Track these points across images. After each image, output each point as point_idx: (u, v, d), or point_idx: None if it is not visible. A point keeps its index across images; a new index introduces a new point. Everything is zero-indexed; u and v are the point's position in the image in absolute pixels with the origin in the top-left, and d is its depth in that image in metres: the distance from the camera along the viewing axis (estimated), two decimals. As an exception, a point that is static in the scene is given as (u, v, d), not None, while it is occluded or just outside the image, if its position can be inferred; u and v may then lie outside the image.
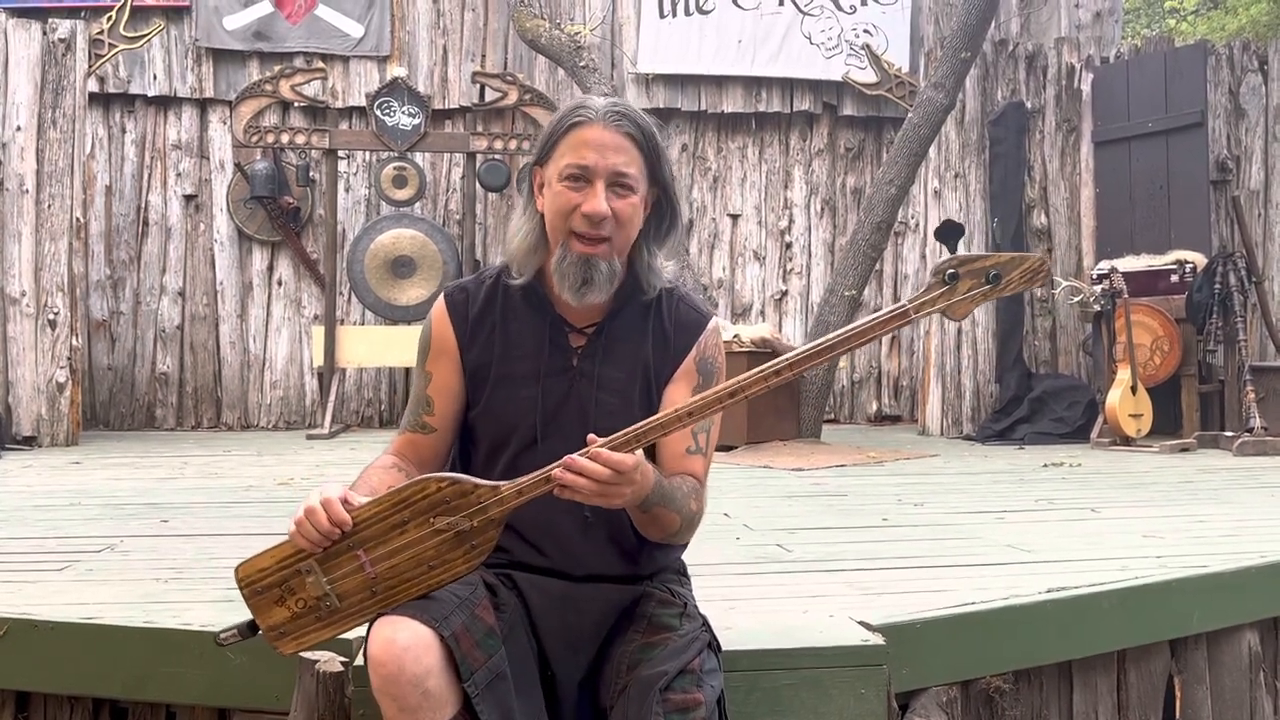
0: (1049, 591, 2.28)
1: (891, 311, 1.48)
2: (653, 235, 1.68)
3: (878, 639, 1.92)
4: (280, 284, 7.64)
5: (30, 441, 6.10)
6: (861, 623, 2.02)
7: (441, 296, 1.75)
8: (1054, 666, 2.29)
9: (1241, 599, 2.53)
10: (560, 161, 1.61)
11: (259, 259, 7.62)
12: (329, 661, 1.83)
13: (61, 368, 6.22)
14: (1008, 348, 6.79)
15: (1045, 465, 5.14)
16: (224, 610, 2.14)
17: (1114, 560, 2.63)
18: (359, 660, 1.81)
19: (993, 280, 1.46)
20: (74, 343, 6.31)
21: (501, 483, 1.50)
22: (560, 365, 1.66)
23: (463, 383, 1.69)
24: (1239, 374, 5.89)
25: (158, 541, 3.02)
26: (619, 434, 1.46)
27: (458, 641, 1.45)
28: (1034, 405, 6.54)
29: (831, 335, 1.51)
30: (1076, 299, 6.41)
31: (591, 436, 1.46)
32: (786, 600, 2.29)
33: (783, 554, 2.84)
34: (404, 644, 1.42)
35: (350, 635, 1.92)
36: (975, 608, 2.15)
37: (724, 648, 1.72)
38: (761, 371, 1.51)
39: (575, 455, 1.44)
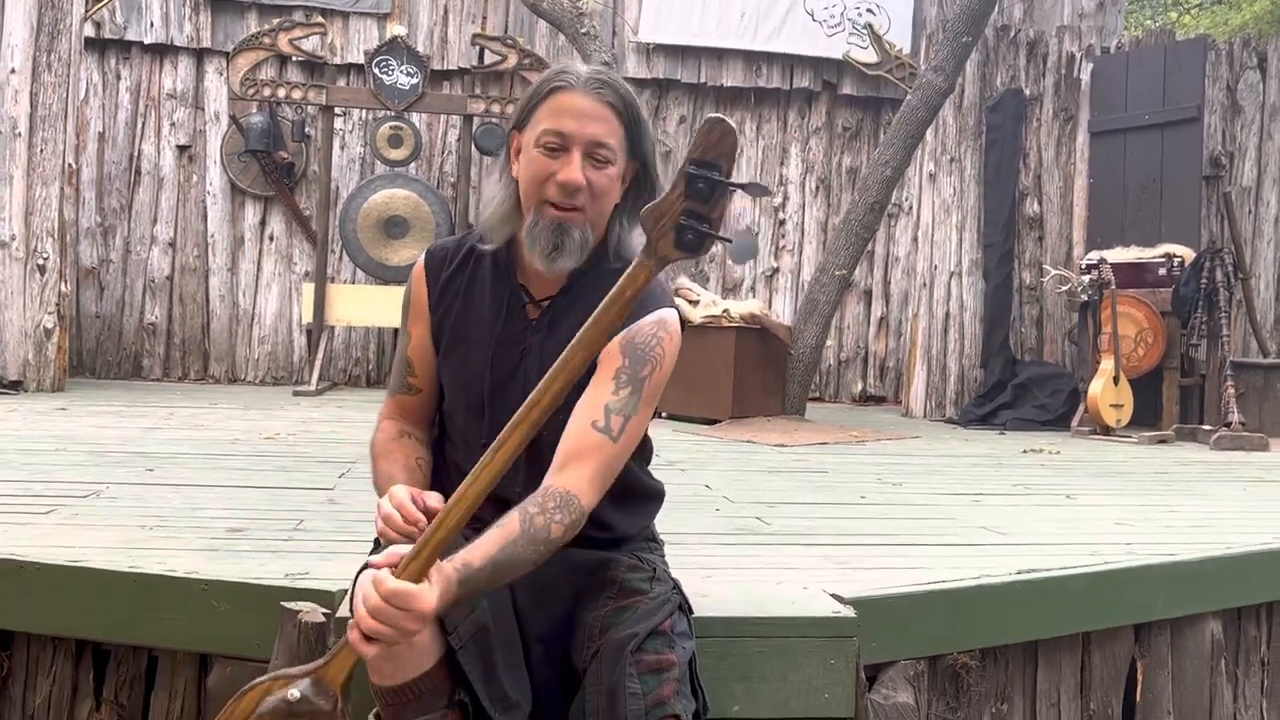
0: (1019, 573, 2.33)
1: (633, 266, 1.39)
2: (629, 209, 1.64)
3: (849, 611, 1.96)
4: (272, 239, 7.62)
5: (16, 386, 6.10)
6: (834, 595, 2.06)
7: (423, 255, 1.77)
8: (1020, 645, 2.34)
9: (1207, 588, 2.59)
10: (538, 127, 1.58)
11: (251, 213, 7.59)
12: (311, 612, 1.86)
13: (50, 313, 6.21)
14: (994, 334, 6.84)
15: (1025, 451, 5.20)
16: (209, 559, 2.17)
17: (1085, 545, 2.69)
18: (341, 611, 1.85)
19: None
20: (63, 289, 6.29)
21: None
22: (513, 336, 1.65)
23: (432, 341, 1.71)
24: (1220, 369, 5.95)
25: (143, 489, 3.05)
26: (408, 556, 1.36)
27: None
28: (1017, 391, 6.60)
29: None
30: (1064, 288, 6.46)
31: (380, 560, 1.37)
32: (762, 571, 2.33)
33: (761, 526, 2.89)
34: None
35: (333, 587, 1.97)
36: (947, 585, 2.20)
37: (699, 614, 1.76)
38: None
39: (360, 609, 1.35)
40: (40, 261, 6.19)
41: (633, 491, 1.74)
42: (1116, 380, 5.96)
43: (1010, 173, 6.98)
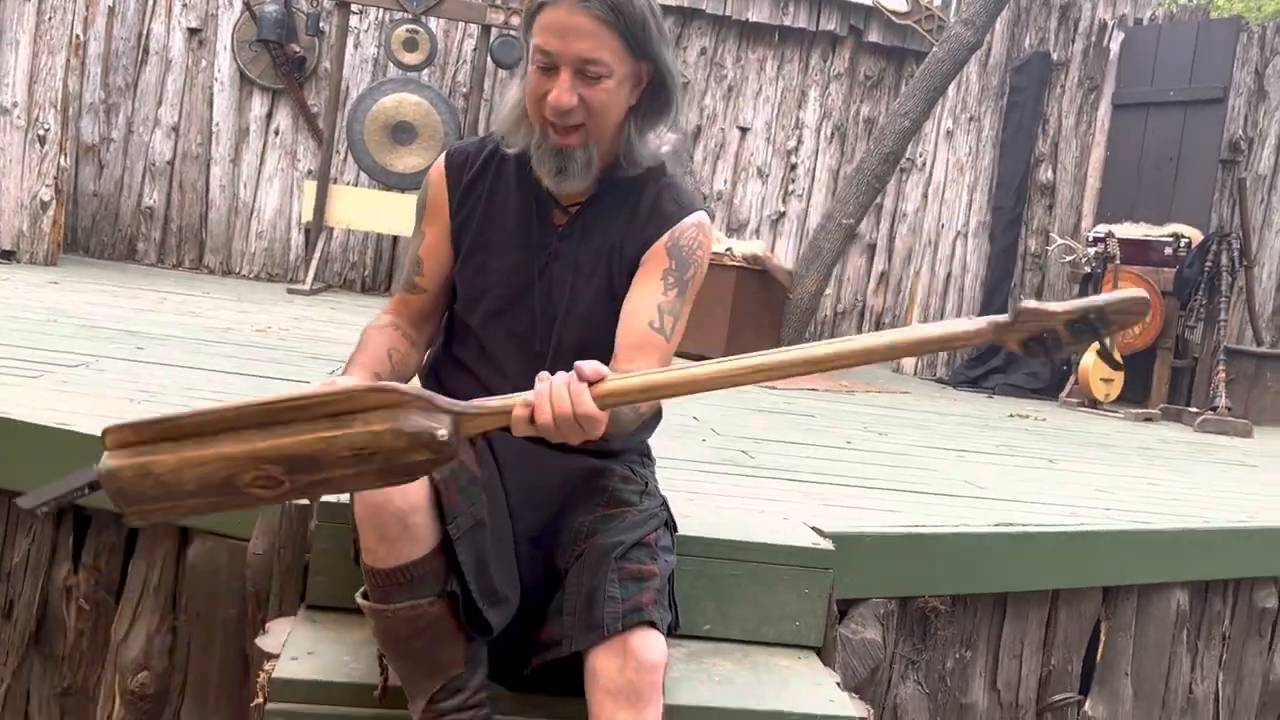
0: (997, 525, 2.35)
1: (978, 323, 1.31)
2: (643, 112, 1.59)
3: (827, 544, 1.98)
4: (277, 133, 7.51)
5: (9, 256, 6.04)
6: (814, 528, 2.08)
7: (442, 155, 1.73)
8: (991, 596, 2.37)
9: (1178, 558, 2.62)
10: (532, 43, 1.54)
11: (258, 104, 7.47)
12: (295, 494, 1.86)
13: (48, 186, 6.13)
14: (993, 298, 6.83)
15: (1011, 415, 5.23)
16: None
17: (1064, 506, 2.71)
18: (326, 496, 1.85)
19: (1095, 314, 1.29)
20: (62, 162, 6.20)
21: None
22: (539, 242, 1.64)
23: (451, 245, 1.69)
24: (1214, 353, 5.96)
25: (133, 366, 3.04)
26: (617, 378, 1.29)
27: (445, 485, 1.47)
28: (1009, 357, 6.60)
29: (882, 340, 1.28)
30: (1069, 258, 6.43)
31: (588, 369, 1.29)
32: (744, 500, 2.34)
33: (746, 459, 2.90)
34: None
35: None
36: (925, 530, 2.22)
37: (680, 534, 1.77)
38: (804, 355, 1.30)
39: (550, 387, 1.28)
40: (41, 132, 6.10)
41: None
42: (1109, 356, 5.96)
43: (1028, 137, 6.91)
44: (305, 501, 1.63)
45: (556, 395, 1.27)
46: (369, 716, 1.58)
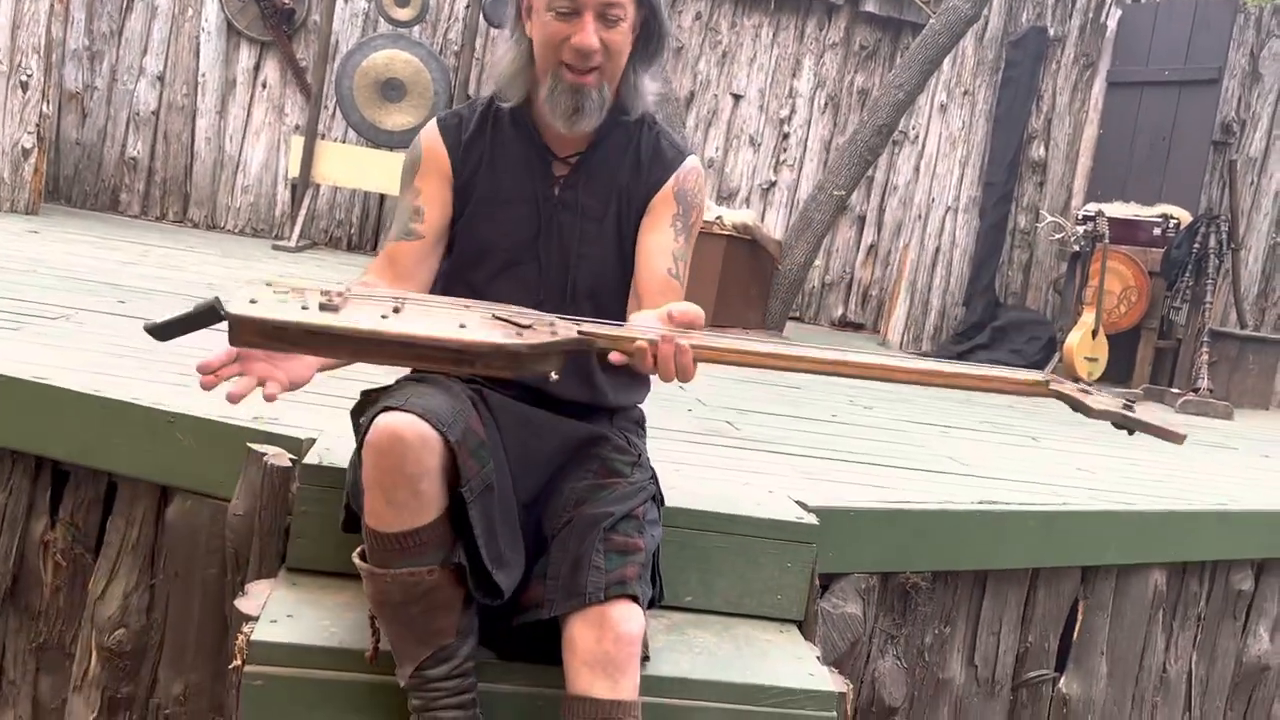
0: (980, 502, 2.36)
1: (1029, 375, 1.49)
2: (639, 56, 1.67)
3: (811, 518, 1.98)
4: (265, 86, 7.40)
5: (-11, 204, 5.96)
6: (798, 502, 2.07)
7: (433, 121, 1.76)
8: (971, 573, 2.38)
9: (1157, 540, 2.64)
10: None
11: (246, 56, 7.35)
12: (278, 456, 1.85)
13: (30, 133, 6.03)
14: (981, 274, 6.82)
15: (995, 392, 5.24)
16: (177, 393, 2.14)
17: (1047, 485, 2.72)
18: (309, 459, 1.83)
19: (1128, 407, 1.52)
20: (44, 109, 6.10)
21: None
22: (542, 193, 1.68)
23: (450, 197, 1.69)
24: (1198, 335, 5.99)
25: (114, 320, 3.00)
26: (694, 333, 1.39)
27: (459, 448, 1.47)
28: (995, 334, 6.62)
29: (946, 368, 1.44)
30: (1058, 236, 6.43)
31: (672, 312, 1.37)
32: (729, 472, 2.34)
33: (731, 430, 2.89)
34: (409, 441, 1.42)
35: (302, 435, 1.95)
36: (908, 506, 2.22)
37: (665, 504, 1.77)
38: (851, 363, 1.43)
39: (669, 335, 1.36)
40: (23, 78, 5.99)
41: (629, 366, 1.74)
42: (1095, 334, 5.99)
43: (1021, 113, 6.88)
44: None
45: (680, 349, 1.37)
46: (348, 681, 1.58)
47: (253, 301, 1.29)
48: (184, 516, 1.98)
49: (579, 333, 1.35)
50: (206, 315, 1.32)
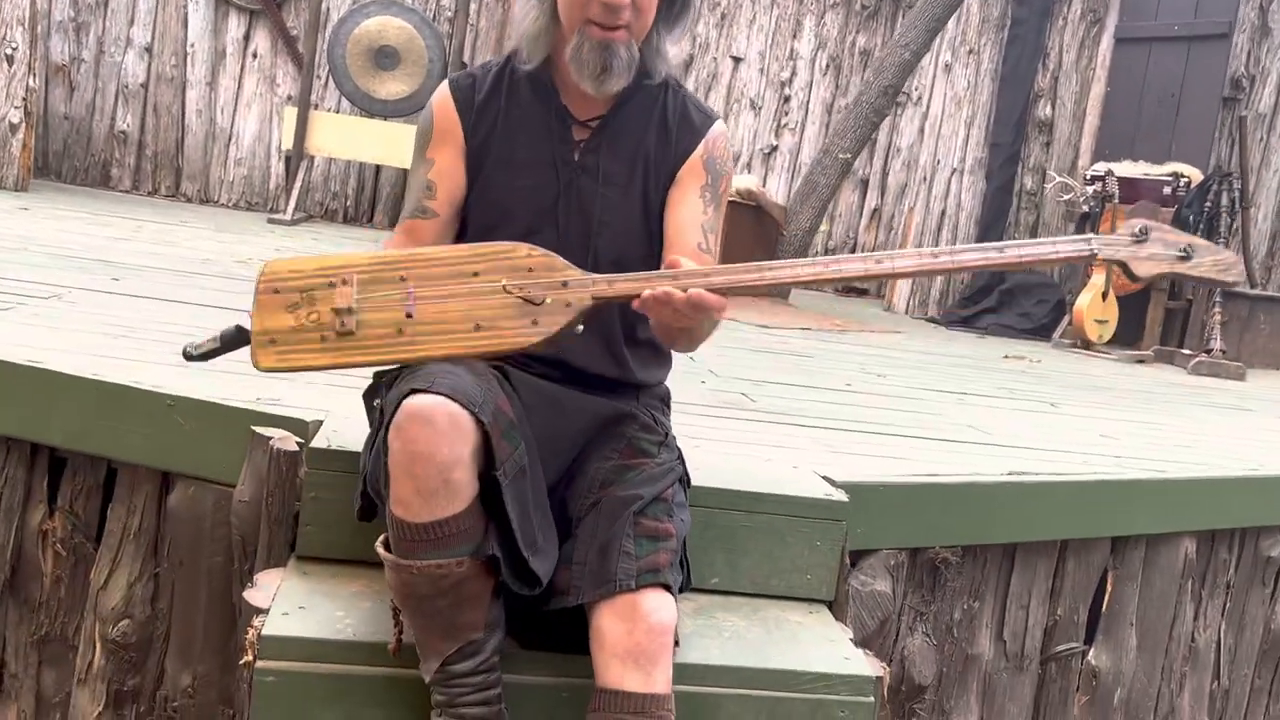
0: (1010, 473, 2.29)
1: (1073, 242, 1.41)
2: (663, 17, 1.60)
3: (840, 495, 1.90)
4: (255, 56, 7.25)
5: (-23, 181, 5.84)
6: (825, 478, 2.00)
7: (445, 83, 1.68)
8: (1000, 546, 2.31)
9: (1187, 507, 2.57)
10: None
11: (235, 25, 7.20)
12: (284, 439, 1.77)
13: (16, 107, 5.89)
14: (987, 236, 6.72)
15: (1006, 356, 5.16)
16: (176, 374, 2.06)
17: (1073, 454, 2.65)
18: (317, 442, 1.75)
19: (1184, 254, 1.42)
20: (31, 83, 5.96)
21: (595, 274, 1.42)
22: (562, 157, 1.60)
23: (464, 168, 1.61)
24: (1209, 295, 5.90)
25: (108, 298, 2.91)
26: (704, 271, 1.40)
27: (492, 430, 1.39)
28: (1003, 297, 6.53)
29: (992, 254, 1.43)
30: (1066, 197, 6.33)
31: (675, 260, 1.42)
32: (750, 446, 2.26)
33: (747, 403, 2.82)
34: (441, 426, 1.34)
35: (307, 417, 1.87)
36: (937, 479, 2.15)
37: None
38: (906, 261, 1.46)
39: (671, 286, 1.38)
40: (8, 51, 5.84)
41: (655, 342, 1.67)
42: (1105, 296, 5.91)
43: (1028, 72, 6.75)
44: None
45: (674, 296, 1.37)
46: (365, 675, 1.51)
47: (271, 342, 1.39)
48: (187, 503, 1.90)
49: (593, 297, 1.38)
50: (237, 341, 1.47)
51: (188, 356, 1.48)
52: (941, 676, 2.28)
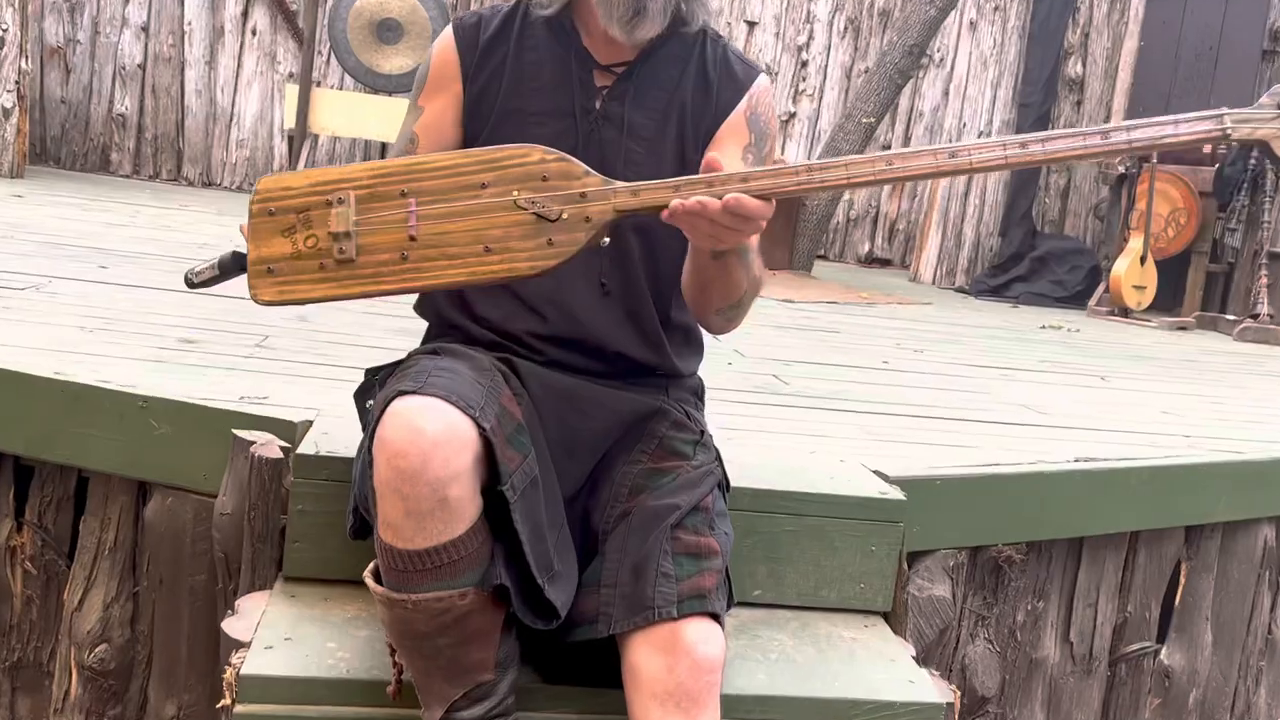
0: (1076, 461, 2.07)
1: (1199, 120, 1.17)
2: None
3: (896, 493, 1.69)
4: (255, 34, 7.02)
5: (-29, 169, 5.65)
6: (877, 472, 1.79)
7: (450, 24, 1.47)
8: (1065, 541, 2.10)
9: (1267, 491, 2.34)
10: None
11: (233, 2, 6.97)
12: (268, 445, 1.57)
13: (9, 91, 5.69)
14: (1017, 202, 6.47)
15: (1043, 327, 4.93)
16: (153, 371, 1.86)
17: (1137, 434, 2.43)
18: (304, 447, 1.55)
19: None
20: (23, 65, 5.76)
21: (618, 182, 1.23)
22: (581, 106, 1.39)
23: (459, 122, 1.40)
24: (1254, 258, 5.64)
25: (92, 288, 2.71)
26: (741, 174, 1.20)
27: (495, 435, 1.18)
28: (1034, 264, 6.28)
29: (1092, 138, 1.18)
30: (1101, 158, 6.04)
31: (714, 159, 1.21)
32: (789, 436, 2.05)
33: (780, 385, 2.60)
34: (435, 437, 1.13)
35: (294, 417, 1.67)
36: (1000, 469, 1.93)
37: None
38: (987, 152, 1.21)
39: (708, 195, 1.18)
40: (-2, 33, 5.64)
41: (687, 324, 1.48)
42: (1143, 260, 5.64)
43: (1057, 28, 6.46)
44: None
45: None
46: (360, 718, 1.31)
47: (269, 271, 1.25)
48: (165, 515, 1.71)
49: (616, 210, 1.22)
50: (236, 268, 1.34)
51: (189, 284, 1.38)
52: (1004, 684, 2.07)
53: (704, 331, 1.54)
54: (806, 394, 2.51)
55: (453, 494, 1.13)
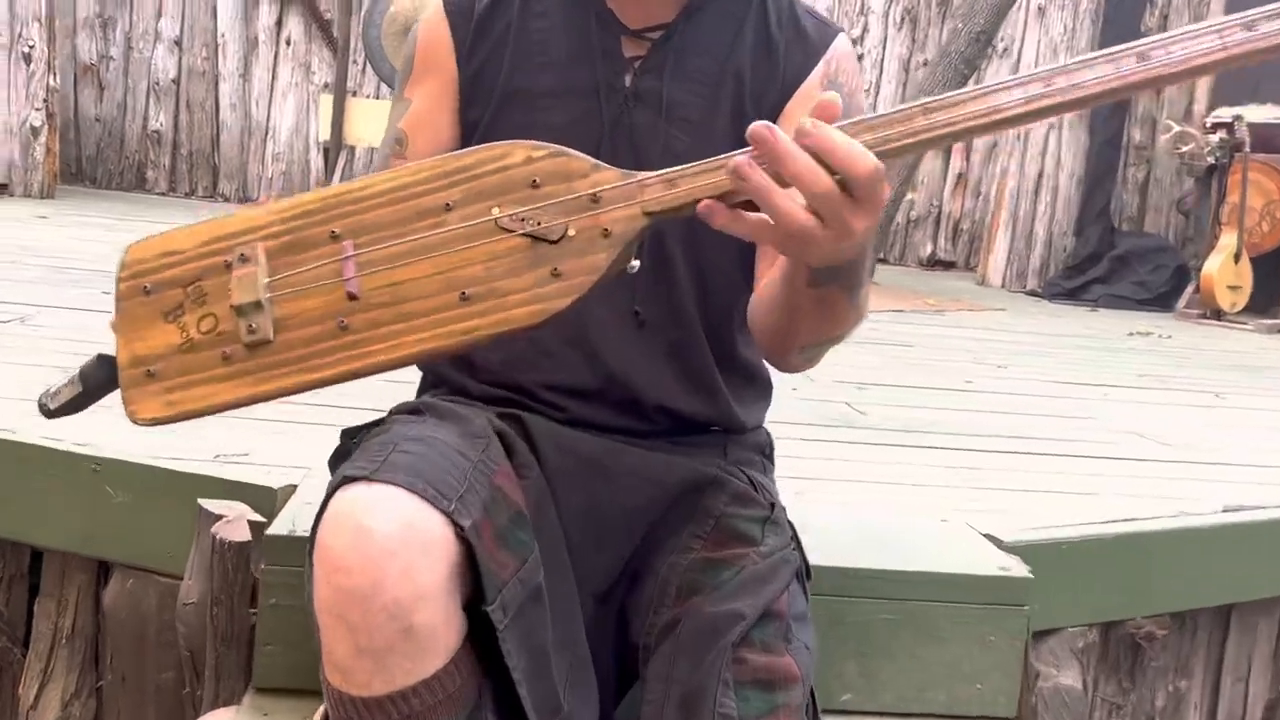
0: (1225, 510, 1.71)
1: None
2: None
3: (1021, 568, 1.35)
4: (289, 44, 6.84)
5: (1, 189, 5.51)
6: (989, 536, 1.45)
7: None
8: (1211, 609, 1.74)
9: None
10: None
11: (266, 12, 6.79)
12: (235, 522, 1.27)
13: (37, 109, 5.55)
14: (1094, 198, 6.04)
15: (1131, 334, 4.52)
16: (117, 422, 1.58)
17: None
18: (278, 525, 1.26)
19: None
20: (51, 82, 5.61)
21: (642, 173, 0.83)
22: (608, 81, 1.07)
23: (453, 111, 1.09)
24: (1362, 253, 5.17)
25: (86, 318, 2.46)
26: (806, 128, 0.76)
27: (479, 536, 0.86)
28: (1114, 265, 5.85)
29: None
30: (1185, 148, 5.61)
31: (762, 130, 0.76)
32: (872, 487, 1.72)
33: (855, 417, 2.27)
34: (390, 543, 0.81)
35: (277, 481, 1.38)
36: (1137, 527, 1.58)
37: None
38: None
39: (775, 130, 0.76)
40: (25, 50, 5.49)
41: (753, 363, 1.15)
42: (1237, 258, 5.21)
43: (1133, 10, 6.03)
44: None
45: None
46: None
47: (149, 375, 0.86)
48: (126, 600, 1.43)
49: (647, 213, 0.82)
50: (103, 377, 0.90)
51: (46, 413, 0.95)
52: (1139, 781, 1.72)
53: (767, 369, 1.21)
54: (886, 426, 2.18)
55: (420, 620, 0.81)
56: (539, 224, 0.82)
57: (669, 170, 0.82)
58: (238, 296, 0.83)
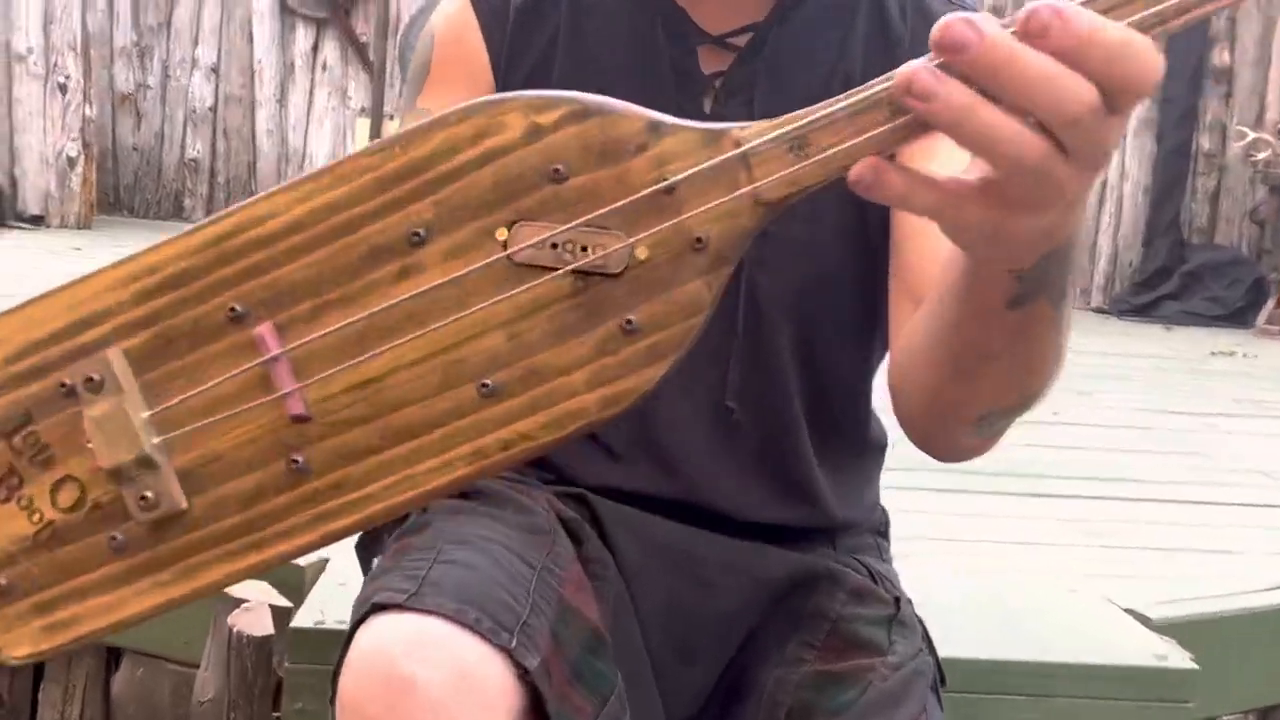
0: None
1: None
2: None
3: (1180, 655, 1.14)
4: (325, 69, 6.76)
5: (37, 221, 5.46)
6: (1132, 612, 1.24)
7: None
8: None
9: None
10: None
11: (302, 38, 6.73)
12: (254, 611, 1.09)
13: (73, 140, 5.50)
14: (1162, 210, 5.77)
15: (1212, 354, 4.26)
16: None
17: None
18: (306, 611, 1.08)
19: None
20: (87, 112, 5.56)
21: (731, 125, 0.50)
22: (682, 105, 0.81)
23: None
24: None
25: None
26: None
27: (549, 677, 0.67)
28: (1186, 280, 5.57)
29: None
30: (1260, 156, 5.34)
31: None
32: (978, 547, 1.52)
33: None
34: (435, 692, 0.62)
35: (304, 558, 1.20)
36: (1299, 595, 1.36)
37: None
38: None
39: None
40: (61, 80, 5.45)
41: (864, 435, 0.93)
42: (1320, 271, 4.92)
43: (1199, 13, 5.77)
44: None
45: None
46: None
47: (2, 591, 0.52)
48: (136, 689, 1.26)
49: (762, 202, 0.48)
50: None
51: None
52: None
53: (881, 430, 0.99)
54: (982, 469, 1.95)
55: None
56: (583, 248, 0.49)
57: (784, 121, 0.49)
58: (106, 456, 0.50)
